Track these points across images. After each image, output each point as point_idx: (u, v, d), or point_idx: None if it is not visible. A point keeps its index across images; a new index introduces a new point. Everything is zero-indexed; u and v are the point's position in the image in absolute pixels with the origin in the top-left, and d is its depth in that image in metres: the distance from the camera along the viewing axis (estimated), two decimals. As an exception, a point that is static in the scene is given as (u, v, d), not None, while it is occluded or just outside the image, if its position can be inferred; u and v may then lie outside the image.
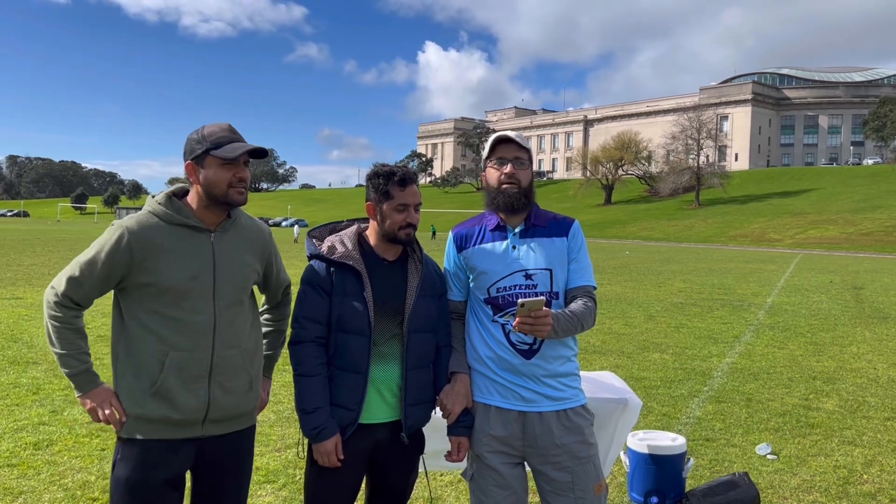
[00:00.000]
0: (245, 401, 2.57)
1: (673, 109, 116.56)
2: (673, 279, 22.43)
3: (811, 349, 10.21)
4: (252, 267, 2.61)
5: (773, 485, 4.82)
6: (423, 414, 2.72)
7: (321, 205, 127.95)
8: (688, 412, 6.63)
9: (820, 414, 6.66)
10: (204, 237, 2.47)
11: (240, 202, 2.48)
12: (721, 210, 78.02)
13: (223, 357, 2.46)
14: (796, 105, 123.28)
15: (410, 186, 2.66)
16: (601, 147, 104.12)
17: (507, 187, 2.69)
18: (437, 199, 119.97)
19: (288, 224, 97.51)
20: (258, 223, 2.72)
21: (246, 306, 2.59)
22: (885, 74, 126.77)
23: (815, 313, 14.37)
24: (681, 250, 47.56)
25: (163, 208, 2.45)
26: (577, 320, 2.63)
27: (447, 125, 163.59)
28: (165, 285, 2.38)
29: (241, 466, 2.61)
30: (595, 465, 2.71)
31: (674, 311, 14.38)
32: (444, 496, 4.53)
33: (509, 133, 2.73)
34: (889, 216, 60.82)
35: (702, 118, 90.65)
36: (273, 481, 4.66)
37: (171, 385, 2.38)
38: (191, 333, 2.40)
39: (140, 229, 2.40)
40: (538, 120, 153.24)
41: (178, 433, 2.42)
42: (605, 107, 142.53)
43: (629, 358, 9.26)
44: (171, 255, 2.40)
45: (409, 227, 2.65)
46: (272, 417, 6.09)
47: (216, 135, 2.44)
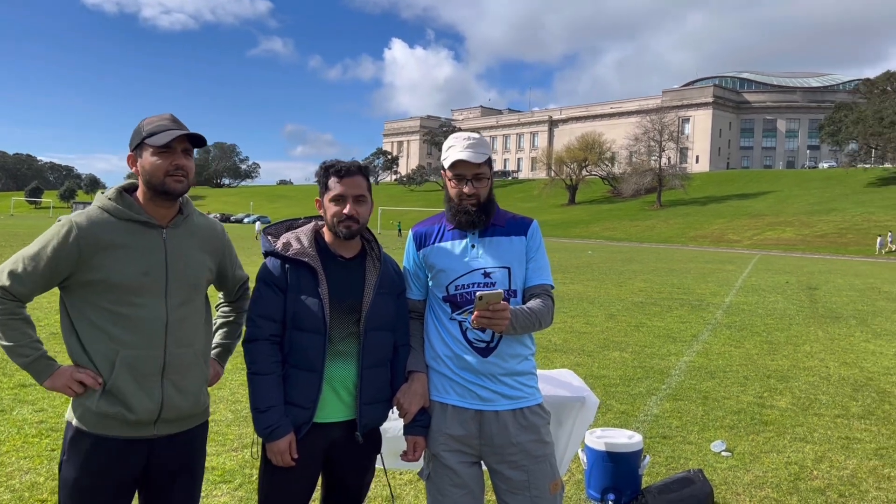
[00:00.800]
0: (199, 400, 2.53)
1: (636, 111, 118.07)
2: (634, 279, 22.72)
3: (766, 348, 10.42)
4: (205, 264, 2.56)
5: (726, 481, 4.91)
6: (379, 413, 2.70)
7: (285, 201, 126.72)
8: (646, 410, 6.72)
9: (773, 411, 6.80)
10: (155, 233, 2.42)
11: (178, 190, 2.41)
12: (682, 211, 79.29)
13: (176, 355, 2.41)
14: (756, 109, 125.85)
15: (350, 178, 2.61)
16: (565, 147, 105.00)
17: (466, 204, 2.68)
18: (402, 196, 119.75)
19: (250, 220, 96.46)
20: (211, 220, 2.67)
21: (199, 305, 2.54)
22: (841, 80, 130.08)
23: (770, 313, 14.68)
24: (642, 250, 48.21)
25: (113, 203, 2.40)
26: (535, 317, 2.64)
27: (413, 123, 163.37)
28: (115, 282, 2.32)
29: (193, 466, 2.56)
30: (551, 464, 2.72)
31: (634, 310, 14.56)
32: (403, 495, 4.52)
33: (465, 156, 2.65)
34: (843, 219, 62.48)
35: (664, 120, 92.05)
36: (229, 481, 4.60)
37: (122, 384, 2.32)
38: (142, 331, 2.35)
39: (89, 225, 2.34)
40: (504, 120, 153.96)
41: (129, 432, 2.37)
42: (570, 108, 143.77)
43: (590, 356, 9.35)
44: (122, 251, 2.35)
45: (347, 219, 2.59)
46: (229, 417, 6.01)
47: (154, 124, 2.40)
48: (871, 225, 56.75)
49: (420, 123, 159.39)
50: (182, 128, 2.42)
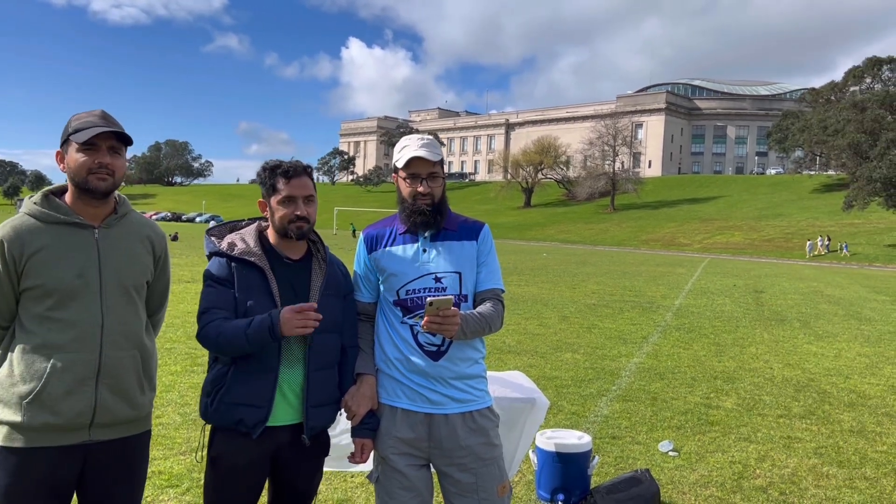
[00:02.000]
0: (139, 405, 2.46)
1: (591, 116, 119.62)
2: (587, 281, 23.02)
3: (714, 350, 10.67)
4: (144, 264, 2.50)
5: (673, 480, 5.01)
6: (326, 416, 2.68)
7: (239, 200, 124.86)
8: (596, 411, 6.82)
9: (719, 412, 6.97)
10: (87, 233, 2.36)
11: (100, 188, 2.34)
12: (635, 215, 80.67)
13: (112, 358, 2.35)
14: (706, 115, 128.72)
15: (298, 178, 2.58)
16: (522, 151, 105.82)
17: (421, 204, 2.67)
18: (359, 197, 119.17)
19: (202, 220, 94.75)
20: (152, 223, 2.62)
21: (138, 306, 2.48)
22: (788, 89, 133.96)
23: (718, 315, 15.03)
24: (596, 253, 48.87)
25: (39, 208, 2.33)
26: (485, 322, 2.66)
27: (370, 123, 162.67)
28: (50, 287, 2.27)
29: (132, 474, 2.49)
30: (499, 467, 2.74)
31: (587, 312, 14.75)
32: (353, 498, 4.50)
33: (421, 152, 2.65)
34: (789, 223, 64.38)
35: (618, 125, 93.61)
36: (176, 485, 4.52)
37: (52, 390, 2.25)
38: (76, 335, 2.28)
39: (16, 234, 2.28)
40: (461, 122, 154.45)
41: (61, 439, 2.30)
42: (527, 111, 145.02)
43: (542, 357, 9.44)
44: (53, 256, 2.29)
45: (298, 220, 2.57)
46: (177, 420, 5.90)
47: (81, 120, 2.35)
48: (815, 230, 58.56)
49: (377, 124, 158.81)
50: (110, 125, 2.35)
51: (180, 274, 18.64)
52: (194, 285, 16.07)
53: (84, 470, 2.37)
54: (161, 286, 2.63)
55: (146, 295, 2.56)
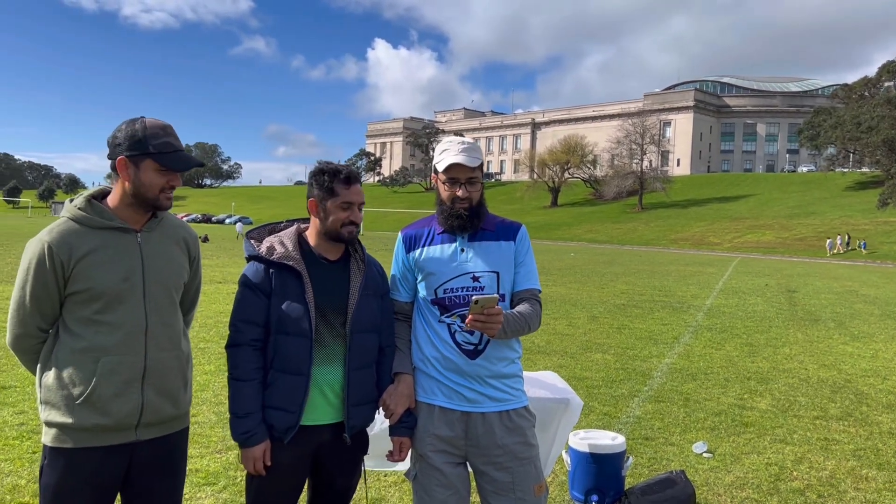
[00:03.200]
0: (180, 403, 2.52)
1: (618, 114, 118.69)
2: (616, 281, 22.87)
3: (746, 350, 10.54)
4: (182, 266, 2.55)
5: (708, 482, 4.96)
6: (366, 414, 2.71)
7: (267, 202, 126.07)
8: (628, 411, 6.77)
9: (754, 413, 6.88)
10: (130, 238, 2.40)
11: (167, 208, 2.44)
12: (663, 214, 79.89)
13: (157, 360, 2.40)
14: (736, 113, 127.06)
15: (355, 185, 2.65)
16: (548, 150, 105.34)
17: (459, 208, 2.70)
18: (385, 198, 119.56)
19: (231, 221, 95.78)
20: (183, 222, 2.66)
21: (177, 307, 2.53)
22: (820, 85, 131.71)
23: (750, 315, 14.84)
24: (624, 253, 48.51)
25: (83, 213, 2.36)
26: (525, 322, 2.67)
27: (396, 124, 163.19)
28: (98, 290, 2.31)
29: (174, 469, 2.55)
30: (536, 466, 2.74)
31: (616, 312, 14.65)
32: (387, 497, 4.53)
33: (461, 159, 2.68)
34: (821, 222, 63.27)
35: (645, 124, 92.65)
36: (213, 483, 4.58)
37: (102, 392, 2.30)
38: (122, 337, 2.33)
39: (63, 239, 2.31)
40: (487, 122, 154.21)
41: (109, 439, 2.35)
42: (553, 110, 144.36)
43: (572, 358, 9.41)
44: (99, 260, 2.32)
45: (351, 224, 2.64)
46: (213, 419, 5.99)
47: (159, 138, 2.35)
48: (848, 228, 57.51)
49: (403, 125, 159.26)
50: (179, 142, 2.42)
51: (211, 275, 18.88)
52: (225, 286, 16.26)
53: (129, 468, 2.42)
54: (194, 287, 2.68)
55: (182, 296, 2.61)
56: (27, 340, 2.38)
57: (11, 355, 7.98)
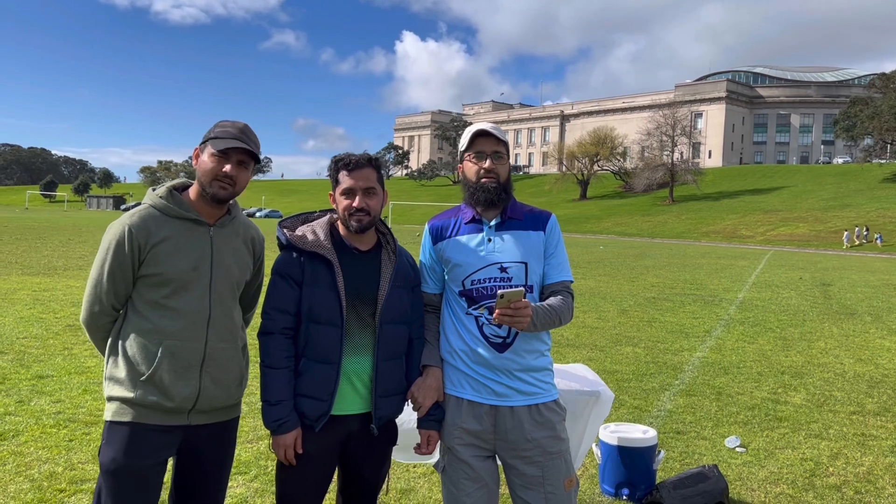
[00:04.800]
0: (234, 394, 2.61)
1: (648, 106, 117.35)
2: (646, 274, 22.64)
3: (780, 344, 10.36)
4: (248, 264, 2.67)
5: (741, 477, 4.89)
6: (394, 406, 2.71)
7: (296, 195, 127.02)
8: (659, 405, 6.70)
9: (788, 408, 6.77)
10: (203, 230, 2.53)
11: (220, 196, 2.51)
12: (694, 206, 78.87)
13: (216, 349, 2.51)
14: (769, 103, 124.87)
15: (359, 170, 2.62)
16: (577, 142, 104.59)
17: (486, 181, 2.68)
18: (413, 191, 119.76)
19: (262, 215, 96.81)
20: (255, 226, 2.76)
21: (238, 301, 2.65)
22: (856, 75, 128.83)
23: (784, 309, 14.60)
24: (654, 245, 48.02)
25: (163, 202, 2.50)
26: (556, 314, 2.64)
27: (424, 118, 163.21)
28: (168, 276, 2.43)
29: (222, 457, 2.64)
30: (566, 461, 2.71)
31: (646, 305, 14.51)
32: (416, 487, 4.54)
33: (487, 126, 2.70)
34: (857, 214, 61.95)
35: (676, 115, 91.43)
36: (245, 472, 4.63)
37: (163, 373, 2.42)
38: (186, 323, 2.45)
39: (142, 222, 2.46)
40: (515, 114, 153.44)
41: (165, 419, 2.46)
42: (582, 102, 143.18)
43: (602, 351, 9.34)
44: (173, 247, 2.45)
45: (358, 212, 2.61)
46: (244, 409, 6.02)
47: (223, 128, 2.52)
48: (885, 221, 56.25)
49: (431, 118, 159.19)
50: (245, 140, 2.51)
51: (242, 267, 19.07)
52: (256, 278, 16.43)
53: (179, 451, 2.53)
54: (255, 285, 2.80)
55: (244, 294, 2.74)
56: (101, 318, 2.50)
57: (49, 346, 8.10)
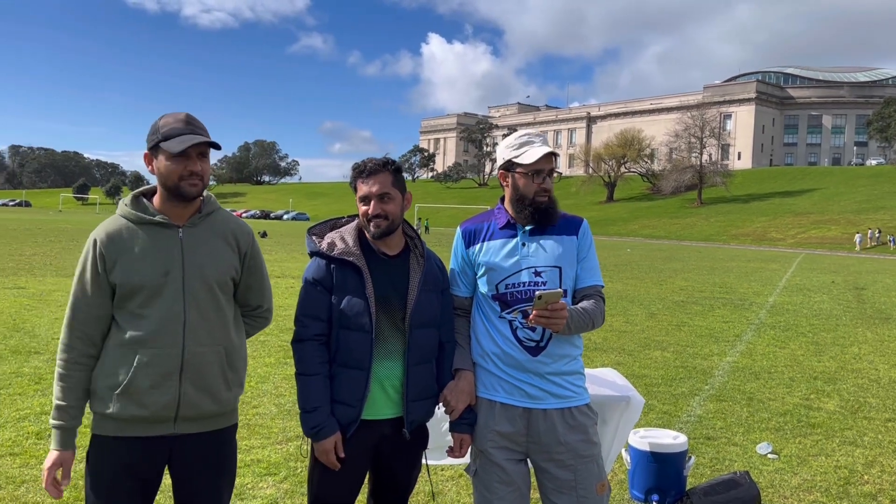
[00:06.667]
0: (223, 400, 2.49)
1: (676, 107, 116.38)
2: (674, 277, 22.43)
3: (812, 349, 10.20)
4: (229, 262, 2.51)
5: (773, 484, 4.82)
6: (425, 409, 2.72)
7: (323, 199, 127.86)
8: (689, 410, 6.63)
9: (821, 414, 6.66)
10: (171, 233, 2.43)
11: (191, 195, 2.41)
12: (723, 209, 77.97)
13: (194, 354, 2.39)
14: (800, 104, 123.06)
15: (372, 177, 2.63)
16: (604, 144, 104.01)
17: (541, 201, 2.68)
18: (438, 194, 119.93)
19: (289, 217, 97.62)
20: (238, 220, 2.63)
21: (222, 303, 2.50)
22: (890, 75, 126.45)
23: (816, 313, 14.36)
24: (682, 248, 47.54)
25: (128, 209, 2.43)
26: (589, 318, 2.64)
27: (450, 120, 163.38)
28: (137, 284, 2.35)
29: (219, 465, 2.53)
30: (598, 465, 2.71)
31: (675, 309, 14.37)
32: (445, 491, 4.54)
33: (549, 149, 2.68)
34: (892, 217, 60.77)
35: (705, 116, 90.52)
36: (274, 473, 4.67)
37: (139, 383, 2.34)
38: (160, 330, 2.36)
39: (107, 234, 2.40)
40: (541, 116, 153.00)
41: (147, 430, 2.39)
42: (609, 104, 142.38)
43: (630, 355, 9.26)
44: (141, 255, 2.38)
45: (375, 218, 2.61)
46: (273, 410, 6.10)
47: (169, 126, 2.39)
48: (921, 223, 55.13)
49: (457, 120, 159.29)
50: (196, 131, 2.40)
51: (270, 270, 19.21)
52: (284, 280, 16.54)
53: (171, 460, 2.46)
54: (255, 281, 2.64)
55: (244, 291, 2.61)
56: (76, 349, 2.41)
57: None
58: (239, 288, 2.60)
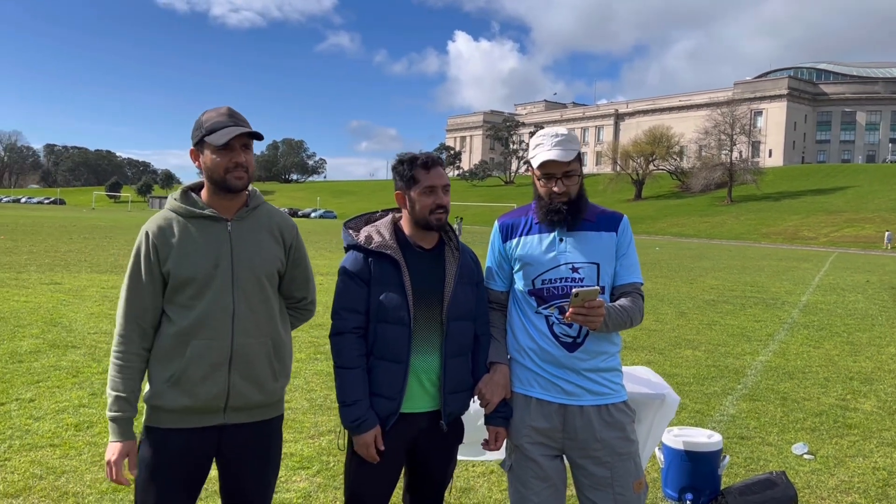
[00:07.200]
0: (270, 391, 2.55)
1: (706, 104, 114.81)
2: (705, 276, 22.18)
3: (847, 349, 10.03)
4: (275, 255, 2.57)
5: (809, 485, 4.75)
6: (462, 402, 2.73)
7: (350, 197, 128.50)
8: (721, 410, 6.56)
9: (858, 415, 6.55)
10: (220, 226, 2.48)
11: (238, 187, 2.46)
12: (754, 207, 76.89)
13: (243, 345, 2.45)
14: (833, 101, 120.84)
15: (435, 168, 2.65)
16: (632, 141, 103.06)
17: (557, 203, 2.66)
18: (464, 192, 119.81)
19: (316, 215, 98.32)
20: (283, 214, 2.69)
21: (269, 295, 2.55)
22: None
23: (851, 313, 14.11)
24: (712, 247, 46.99)
25: (178, 203, 2.49)
26: (627, 315, 2.62)
27: (476, 118, 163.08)
28: (186, 277, 2.40)
29: (266, 455, 2.59)
30: (636, 463, 2.69)
31: (706, 308, 14.22)
32: (475, 486, 4.54)
33: (553, 154, 2.62)
34: (928, 215, 59.47)
35: (735, 113, 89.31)
36: (307, 467, 4.71)
37: (191, 374, 2.40)
38: (211, 322, 2.41)
39: (159, 227, 2.45)
40: (568, 114, 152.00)
41: (197, 421, 2.44)
42: (637, 101, 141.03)
43: (661, 354, 9.19)
44: (191, 248, 2.43)
45: (439, 209, 2.63)
46: (305, 405, 6.15)
47: (212, 120, 2.44)
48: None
49: (483, 118, 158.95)
50: (239, 123, 2.45)
51: (299, 267, 19.36)
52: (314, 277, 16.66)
53: (220, 450, 2.51)
54: (300, 273, 2.69)
55: (288, 283, 2.66)
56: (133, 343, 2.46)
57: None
58: (284, 280, 2.64)
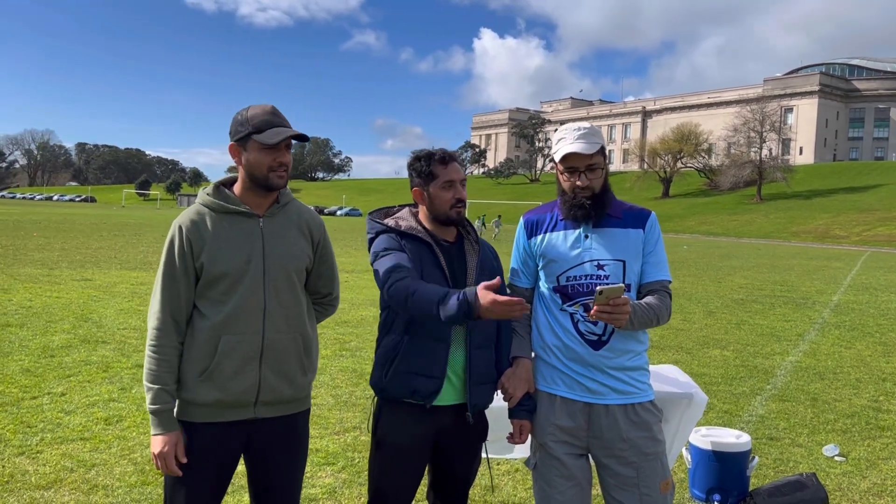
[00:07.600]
0: (299, 385, 2.57)
1: (735, 101, 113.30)
2: (733, 275, 21.90)
3: (880, 350, 9.84)
4: (304, 251, 2.59)
5: (841, 487, 4.67)
6: (486, 394, 2.72)
7: (376, 195, 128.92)
8: (750, 410, 6.47)
9: (891, 417, 6.42)
10: (253, 222, 2.50)
11: (279, 186, 2.49)
12: (784, 205, 75.73)
13: (274, 340, 2.47)
14: (866, 97, 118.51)
15: (452, 163, 2.68)
16: (660, 139, 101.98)
17: (581, 197, 2.62)
18: (489, 190, 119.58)
19: (342, 213, 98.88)
20: (311, 211, 2.71)
21: (298, 291, 2.58)
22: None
23: (884, 313, 13.84)
24: (741, 246, 46.38)
25: (211, 199, 2.50)
26: (654, 313, 2.58)
27: (501, 116, 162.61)
28: (220, 272, 2.42)
29: (294, 449, 2.61)
30: (662, 463, 2.65)
31: (734, 307, 14.04)
32: (501, 484, 4.53)
33: (576, 147, 2.59)
34: (965, 214, 58.11)
35: (765, 110, 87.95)
36: (332, 463, 4.73)
37: (223, 369, 2.42)
38: (242, 317, 2.43)
39: (192, 221, 2.47)
40: (595, 111, 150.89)
41: (228, 415, 2.46)
42: (665, 98, 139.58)
43: (688, 354, 9.09)
44: (224, 242, 2.45)
45: (459, 203, 2.66)
46: (330, 401, 6.18)
47: (258, 118, 2.45)
48: None
49: (509, 116, 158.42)
50: (286, 123, 2.48)
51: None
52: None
53: (249, 444, 2.54)
54: (326, 269, 2.71)
55: (315, 279, 2.67)
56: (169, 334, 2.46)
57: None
58: (310, 276, 2.66)
